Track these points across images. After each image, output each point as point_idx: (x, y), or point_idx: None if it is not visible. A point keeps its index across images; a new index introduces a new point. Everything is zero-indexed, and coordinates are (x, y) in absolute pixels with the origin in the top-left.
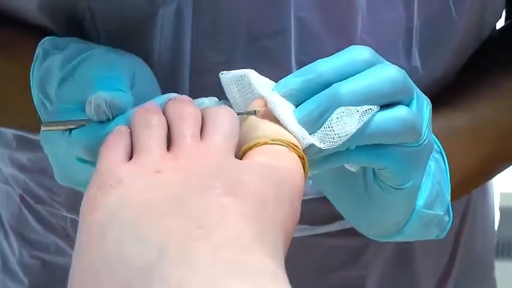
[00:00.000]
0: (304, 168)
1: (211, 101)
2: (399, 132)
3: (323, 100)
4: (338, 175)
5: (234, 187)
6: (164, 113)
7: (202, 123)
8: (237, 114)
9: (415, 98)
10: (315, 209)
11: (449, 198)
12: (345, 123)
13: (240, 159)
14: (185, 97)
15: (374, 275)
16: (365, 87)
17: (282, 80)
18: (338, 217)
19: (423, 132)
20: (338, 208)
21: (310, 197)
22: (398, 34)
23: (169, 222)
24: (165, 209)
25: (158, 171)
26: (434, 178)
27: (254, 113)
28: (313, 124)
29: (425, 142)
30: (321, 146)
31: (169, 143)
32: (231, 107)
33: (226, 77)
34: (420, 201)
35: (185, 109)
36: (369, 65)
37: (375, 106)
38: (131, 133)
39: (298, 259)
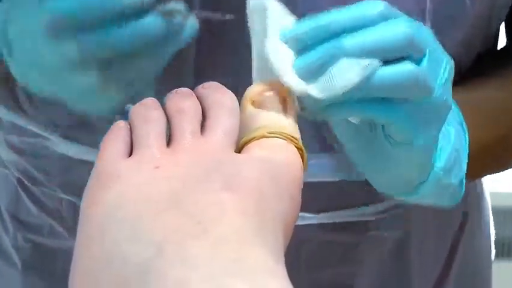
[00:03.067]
0: (303, 160)
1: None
2: (402, 86)
3: (325, 50)
4: (352, 128)
5: (233, 183)
6: (164, 107)
7: (202, 117)
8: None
9: (427, 54)
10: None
11: (465, 169)
12: (345, 75)
13: (238, 153)
14: (185, 90)
15: (367, 274)
16: (370, 41)
17: (296, 25)
18: (329, 208)
19: (435, 89)
20: (355, 162)
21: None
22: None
23: (167, 219)
24: (164, 206)
25: (158, 167)
26: (454, 145)
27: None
28: (313, 74)
29: (438, 100)
30: (319, 96)
31: (169, 138)
32: None
33: (253, 3)
34: (439, 163)
35: (185, 103)
36: (382, 18)
37: (378, 60)
38: (130, 128)
39: (291, 253)
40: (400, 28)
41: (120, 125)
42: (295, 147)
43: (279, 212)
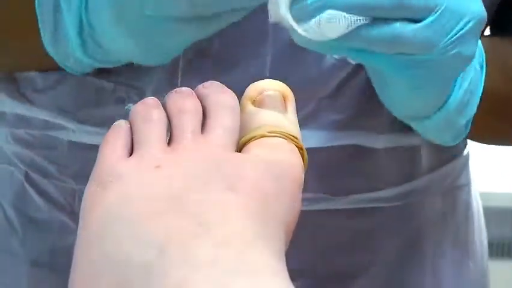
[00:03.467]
0: (303, 159)
1: None
2: (390, 45)
3: (313, 4)
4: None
5: (235, 183)
6: (164, 107)
7: (203, 116)
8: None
9: (436, 12)
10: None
11: (475, 110)
12: (332, 27)
13: (239, 152)
14: (186, 89)
15: (381, 263)
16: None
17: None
18: (342, 191)
19: (440, 45)
20: (373, 82)
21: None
22: None
23: (169, 219)
24: (165, 206)
25: (159, 167)
26: (470, 85)
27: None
28: (303, 18)
29: (445, 55)
30: (305, 34)
31: (170, 137)
32: None
33: None
34: (453, 102)
35: (186, 103)
36: None
37: (365, 18)
38: (131, 128)
39: (307, 239)
40: None
41: (120, 124)
42: (296, 146)
43: (280, 212)
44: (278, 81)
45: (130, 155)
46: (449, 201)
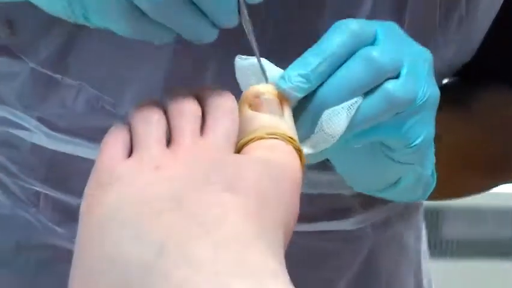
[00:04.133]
0: (301, 160)
1: None
2: (388, 110)
3: (310, 110)
4: (346, 151)
5: (234, 184)
6: (163, 108)
7: (202, 118)
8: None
9: (405, 66)
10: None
11: (434, 160)
12: (334, 123)
13: (237, 154)
14: (185, 91)
15: (343, 282)
16: (346, 85)
17: (285, 74)
18: (317, 218)
19: (420, 93)
20: (337, 169)
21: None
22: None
23: (169, 219)
24: (165, 206)
25: (158, 168)
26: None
27: None
28: (306, 132)
29: (425, 98)
30: (311, 151)
31: (169, 139)
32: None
33: (241, 63)
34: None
35: (185, 104)
36: (350, 52)
37: (360, 97)
38: (130, 130)
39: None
40: (369, 61)
41: (120, 125)
42: (294, 148)
43: (279, 213)
44: (273, 86)
45: (129, 156)
46: (403, 223)
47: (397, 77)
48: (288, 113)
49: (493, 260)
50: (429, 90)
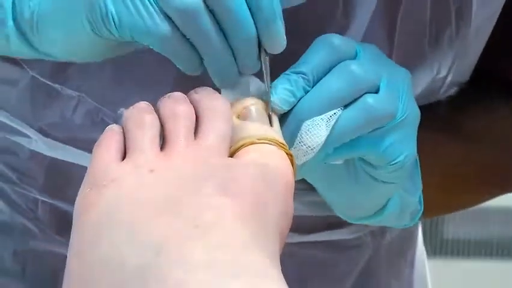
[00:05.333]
0: (293, 165)
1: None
2: (368, 123)
3: (290, 122)
4: (323, 168)
5: (229, 186)
6: (157, 111)
7: (196, 121)
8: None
9: (384, 81)
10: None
11: (421, 187)
12: (314, 135)
13: (231, 158)
14: (179, 94)
15: None
16: (325, 96)
17: (272, 87)
18: (317, 229)
19: (399, 109)
20: (321, 194)
21: None
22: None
23: (165, 221)
24: (161, 209)
25: (152, 171)
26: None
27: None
28: (288, 143)
29: (405, 116)
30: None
31: (163, 142)
32: None
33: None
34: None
35: (179, 107)
36: (338, 52)
37: (339, 109)
38: (124, 132)
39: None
40: (349, 74)
41: (113, 128)
42: (285, 152)
43: (274, 216)
44: (261, 99)
45: (123, 159)
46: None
47: (376, 92)
48: (276, 124)
49: (493, 260)
50: (409, 108)
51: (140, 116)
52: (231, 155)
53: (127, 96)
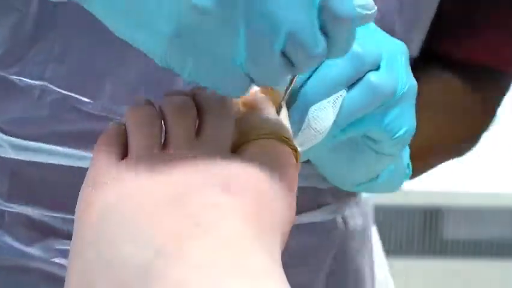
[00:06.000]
0: (297, 159)
1: None
2: (373, 102)
3: (297, 107)
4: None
5: (231, 184)
6: (159, 109)
7: (198, 119)
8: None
9: (385, 57)
10: None
11: (409, 151)
12: (321, 118)
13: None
14: (180, 92)
15: (321, 278)
16: (329, 79)
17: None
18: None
19: (399, 84)
20: (316, 165)
21: None
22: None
23: (166, 220)
24: (162, 208)
25: (154, 169)
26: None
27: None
28: (294, 130)
29: (405, 90)
30: (300, 149)
31: (165, 140)
32: None
33: None
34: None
35: (180, 105)
36: None
37: (343, 90)
38: (125, 131)
39: None
40: (348, 55)
41: (115, 126)
42: (289, 148)
43: (277, 214)
44: (270, 87)
45: (125, 157)
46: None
47: (377, 69)
48: (284, 113)
49: (493, 260)
50: (408, 82)
51: (141, 114)
52: (235, 149)
53: (98, 80)
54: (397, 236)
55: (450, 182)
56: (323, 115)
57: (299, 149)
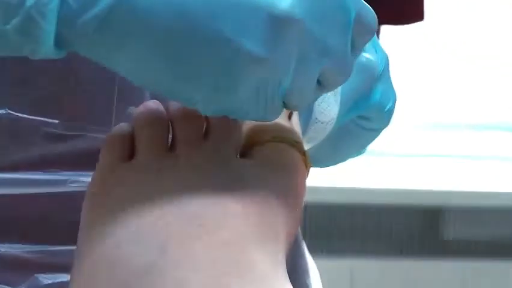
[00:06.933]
0: (306, 164)
1: None
2: (367, 81)
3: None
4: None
5: (235, 187)
6: (166, 111)
7: (206, 121)
8: None
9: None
10: None
11: None
12: (327, 110)
13: (241, 157)
14: None
15: None
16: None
17: None
18: None
19: (379, 57)
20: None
21: None
22: None
23: (169, 220)
24: (165, 208)
25: (160, 170)
26: None
27: None
28: (303, 127)
29: (384, 62)
30: (310, 145)
31: (172, 142)
32: None
33: None
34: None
35: (188, 108)
36: None
37: None
38: (133, 132)
39: None
40: None
41: (122, 127)
42: (298, 151)
43: (281, 216)
44: None
45: (131, 158)
46: None
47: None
48: (295, 119)
49: (493, 260)
50: (383, 53)
51: (149, 115)
52: (244, 152)
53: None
54: (397, 236)
55: (450, 181)
56: (328, 106)
57: (309, 145)
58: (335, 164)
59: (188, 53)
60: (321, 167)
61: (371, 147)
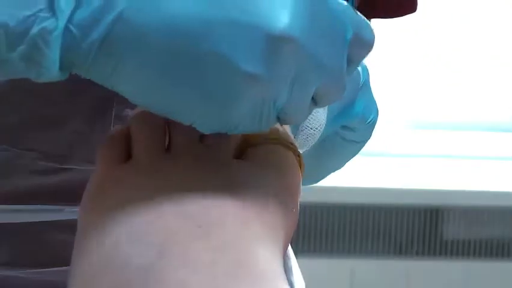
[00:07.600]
0: (300, 165)
1: None
2: (352, 91)
3: None
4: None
5: (234, 187)
6: None
7: None
8: None
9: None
10: None
11: None
12: (316, 116)
13: (237, 159)
14: None
15: None
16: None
17: None
18: None
19: (362, 69)
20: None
21: None
22: None
23: (168, 221)
24: (164, 208)
25: (157, 171)
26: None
27: None
28: (292, 133)
29: (365, 72)
30: (300, 151)
31: (169, 143)
32: None
33: None
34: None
35: None
36: None
37: None
38: (129, 133)
39: None
40: None
41: (119, 129)
42: (293, 153)
43: (279, 217)
44: None
45: (129, 159)
46: None
47: None
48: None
49: (493, 260)
50: (363, 64)
51: (146, 117)
52: (239, 154)
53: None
54: (397, 236)
55: (450, 181)
56: (317, 113)
57: (300, 151)
58: (316, 181)
59: (184, 71)
60: (303, 185)
61: (372, 147)
